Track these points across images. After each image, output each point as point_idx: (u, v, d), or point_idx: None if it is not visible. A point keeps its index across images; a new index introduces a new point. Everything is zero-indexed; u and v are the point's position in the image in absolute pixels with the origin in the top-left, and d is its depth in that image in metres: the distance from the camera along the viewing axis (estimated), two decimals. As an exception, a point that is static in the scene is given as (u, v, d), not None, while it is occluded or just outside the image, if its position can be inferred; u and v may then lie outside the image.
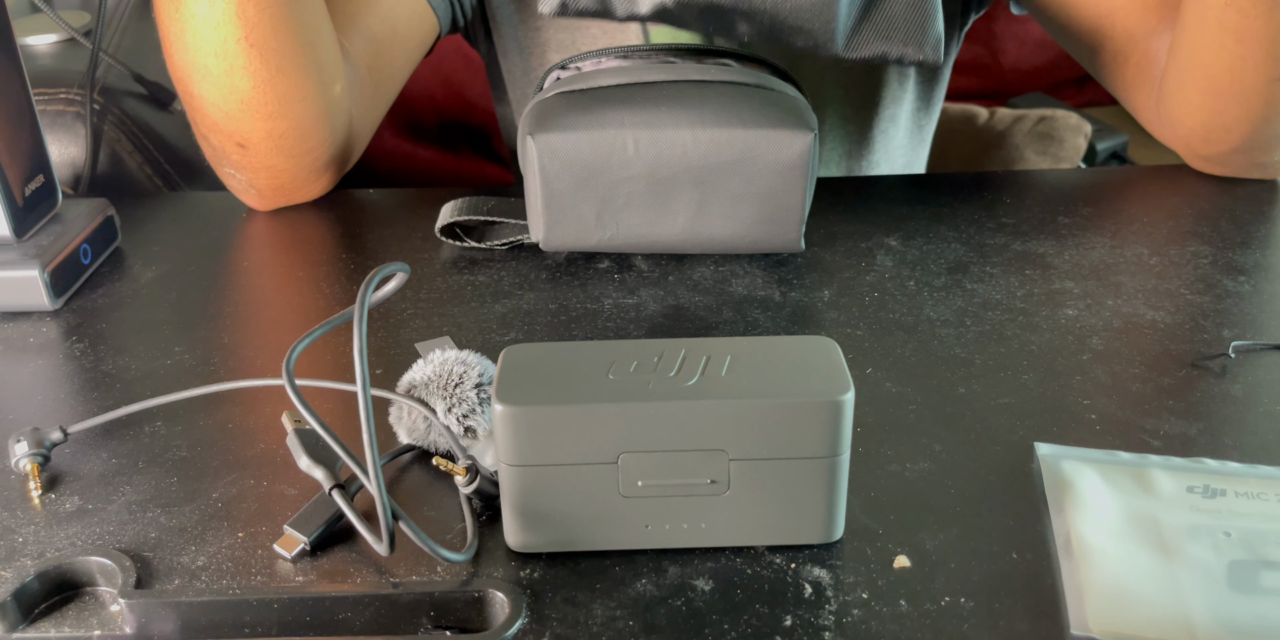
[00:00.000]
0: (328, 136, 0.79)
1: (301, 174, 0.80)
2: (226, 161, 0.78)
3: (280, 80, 0.73)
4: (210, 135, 0.77)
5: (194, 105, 0.76)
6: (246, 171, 0.78)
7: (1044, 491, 0.51)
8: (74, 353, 0.65)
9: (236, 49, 0.71)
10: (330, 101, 0.77)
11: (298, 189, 0.81)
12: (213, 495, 0.53)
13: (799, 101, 0.69)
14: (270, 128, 0.75)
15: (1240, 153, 0.80)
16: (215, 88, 0.73)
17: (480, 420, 0.53)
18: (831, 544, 0.49)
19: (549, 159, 0.67)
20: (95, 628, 0.46)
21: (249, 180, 0.79)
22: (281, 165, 0.78)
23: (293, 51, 0.73)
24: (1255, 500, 0.50)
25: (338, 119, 0.79)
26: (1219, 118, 0.78)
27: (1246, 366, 0.61)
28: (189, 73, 0.73)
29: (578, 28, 0.91)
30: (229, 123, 0.75)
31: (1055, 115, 1.24)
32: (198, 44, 0.71)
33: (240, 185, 0.80)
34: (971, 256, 0.73)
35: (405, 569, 0.48)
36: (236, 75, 0.72)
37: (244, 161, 0.77)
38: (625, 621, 0.45)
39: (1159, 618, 0.44)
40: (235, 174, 0.79)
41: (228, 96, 0.73)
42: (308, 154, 0.78)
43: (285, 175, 0.79)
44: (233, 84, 0.72)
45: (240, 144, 0.76)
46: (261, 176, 0.79)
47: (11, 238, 0.69)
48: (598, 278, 0.71)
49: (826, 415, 0.45)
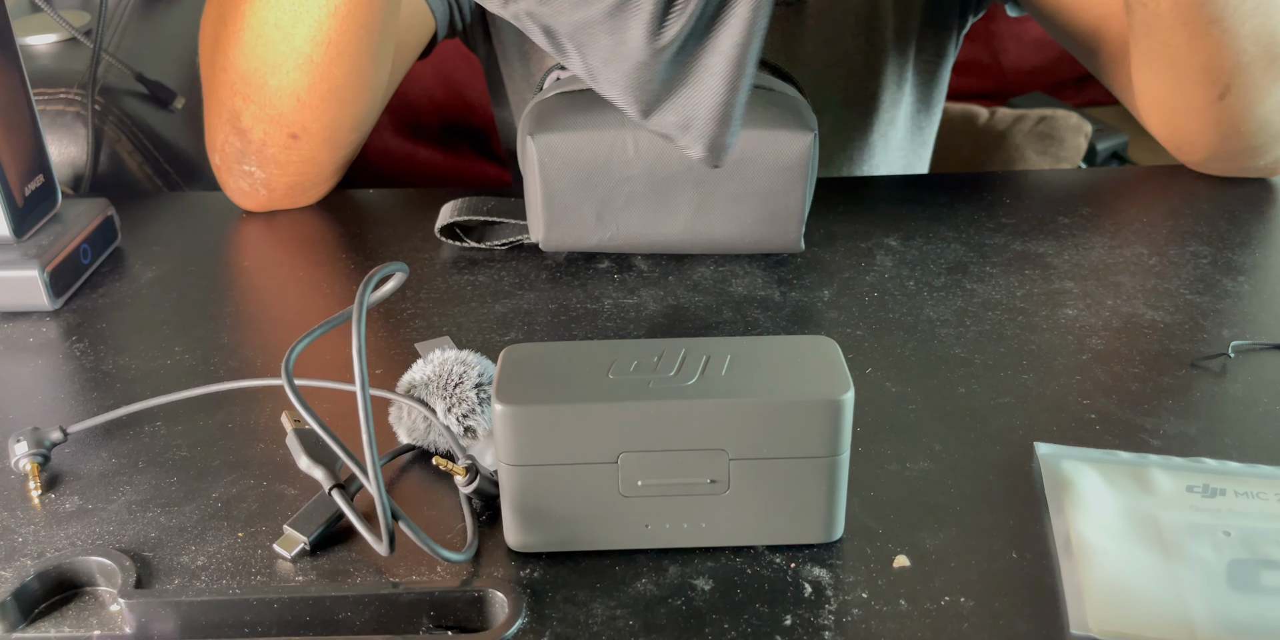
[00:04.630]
0: (368, 128, 0.79)
1: (328, 169, 0.80)
2: (257, 157, 0.76)
3: (370, 68, 0.73)
4: (261, 126, 0.75)
5: (260, 96, 0.73)
6: (276, 166, 0.77)
7: (1043, 491, 0.51)
8: (74, 353, 0.65)
9: (353, 36, 0.70)
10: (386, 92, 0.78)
11: (312, 187, 0.81)
12: (212, 495, 0.53)
13: (799, 101, 0.69)
14: (336, 117, 0.75)
15: (1218, 160, 0.81)
16: (308, 76, 0.72)
17: (480, 420, 0.53)
18: (831, 543, 0.49)
19: (549, 159, 0.67)
20: (95, 627, 0.46)
21: (269, 178, 0.78)
22: (322, 158, 0.78)
23: (385, 36, 0.73)
24: (1255, 499, 0.50)
25: (379, 112, 0.80)
26: (1179, 133, 0.79)
27: (1246, 366, 0.61)
28: (278, 62, 0.71)
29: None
30: (298, 112, 0.74)
31: (1055, 115, 1.24)
32: (307, 33, 0.70)
33: (252, 185, 0.79)
34: (971, 256, 0.73)
35: (405, 569, 0.48)
36: (339, 63, 0.71)
37: (282, 155, 0.76)
38: (625, 621, 0.45)
39: (1159, 617, 0.44)
40: (255, 172, 0.77)
41: (316, 84, 0.72)
42: (348, 146, 0.79)
43: (313, 169, 0.79)
44: (329, 72, 0.72)
45: (294, 135, 0.75)
46: (289, 173, 0.78)
47: (11, 238, 0.69)
48: (598, 278, 0.71)
49: (826, 415, 0.45)
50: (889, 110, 0.96)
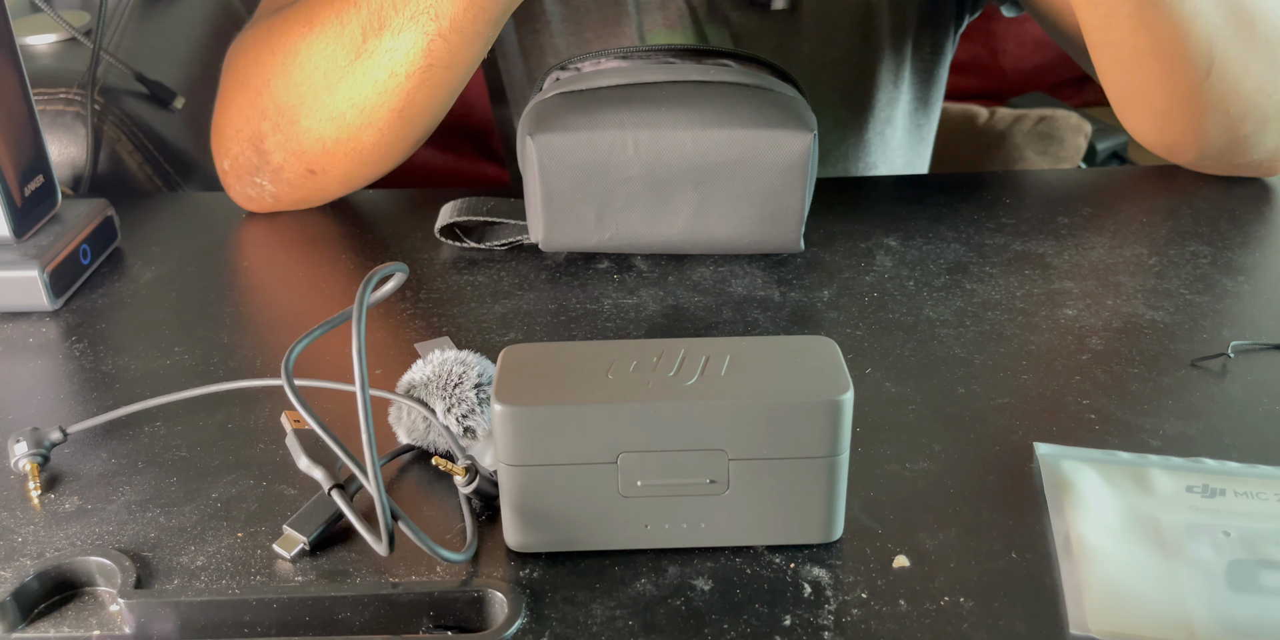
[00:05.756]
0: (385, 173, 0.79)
1: (338, 195, 0.80)
2: (271, 177, 0.76)
3: (398, 143, 0.73)
4: (281, 154, 0.74)
5: (289, 129, 0.72)
6: (289, 187, 0.77)
7: (1043, 491, 0.51)
8: (73, 353, 0.65)
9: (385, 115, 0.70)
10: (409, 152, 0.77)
11: (319, 202, 0.81)
12: (212, 495, 0.53)
13: (798, 101, 0.69)
14: (357, 170, 0.75)
15: (1209, 157, 0.79)
16: (337, 132, 0.71)
17: (479, 420, 0.53)
18: (831, 544, 0.49)
19: (548, 159, 0.67)
20: (94, 628, 0.46)
21: (278, 193, 0.78)
22: (334, 192, 0.78)
23: (426, 123, 0.73)
24: (1255, 500, 0.50)
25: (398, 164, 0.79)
26: (1167, 134, 0.77)
27: (1246, 366, 0.61)
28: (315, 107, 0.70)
29: (573, 32, 0.91)
30: (322, 157, 0.73)
31: (1055, 115, 1.24)
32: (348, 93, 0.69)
33: (260, 194, 0.78)
34: (971, 256, 0.73)
35: (405, 569, 0.48)
36: (368, 132, 0.71)
37: (296, 181, 0.76)
38: (625, 621, 0.45)
39: (1158, 617, 0.44)
40: (266, 185, 0.77)
41: (342, 141, 0.72)
42: (361, 182, 0.79)
43: (324, 197, 0.79)
44: (357, 136, 0.71)
45: (312, 171, 0.75)
46: (299, 193, 0.78)
47: (11, 238, 0.69)
48: (597, 278, 0.71)
49: (826, 415, 0.45)
50: (886, 109, 0.96)
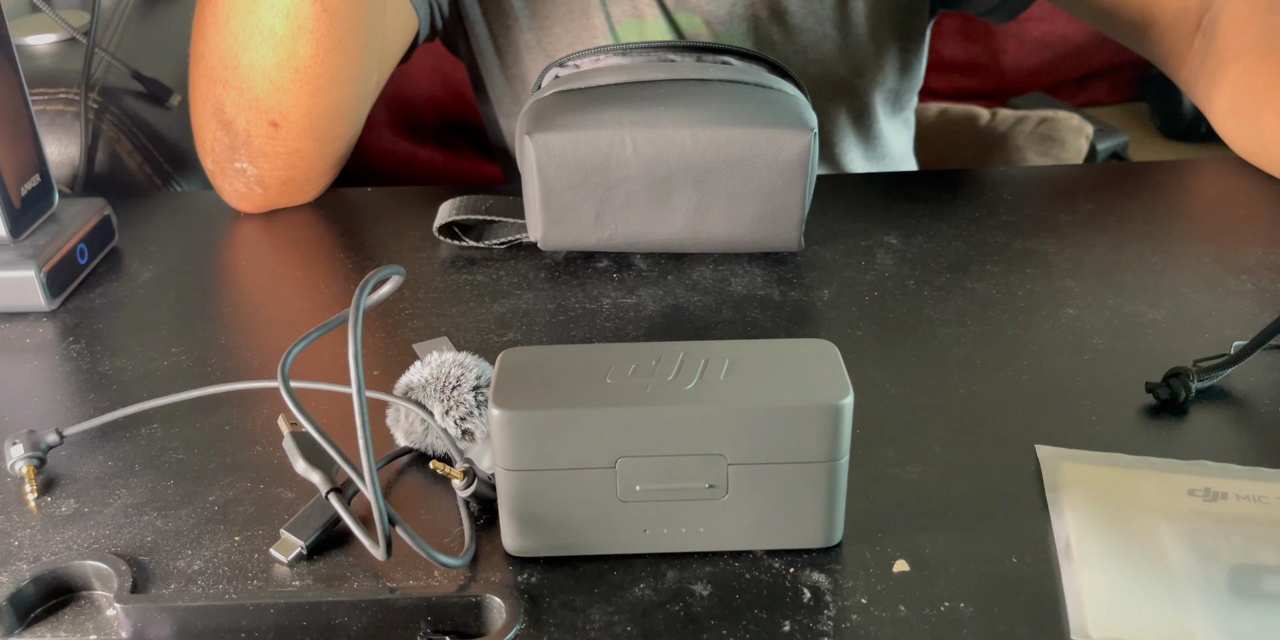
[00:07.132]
0: (354, 124, 0.80)
1: (319, 164, 0.80)
2: (246, 151, 0.77)
3: (339, 53, 0.74)
4: (243, 115, 0.76)
5: (236, 79, 0.74)
6: (265, 159, 0.77)
7: (1044, 494, 0.51)
8: (70, 353, 0.65)
9: (310, 10, 0.71)
10: (369, 87, 0.79)
11: (307, 183, 0.81)
12: (209, 498, 0.53)
13: (798, 100, 0.69)
14: (313, 104, 0.75)
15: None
16: (275, 52, 0.73)
17: (478, 423, 0.53)
18: (830, 548, 0.49)
19: (547, 158, 0.66)
20: (91, 632, 0.46)
21: (261, 174, 0.78)
22: (307, 150, 0.78)
23: (357, 25, 0.74)
24: (1257, 503, 0.50)
25: (365, 108, 0.81)
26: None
27: (1247, 366, 0.60)
28: (247, 36, 0.73)
29: (543, 28, 0.92)
30: (274, 95, 0.74)
31: (1057, 116, 1.24)
32: (269, 3, 0.71)
33: (247, 183, 0.79)
34: (972, 255, 0.72)
35: (402, 573, 0.48)
36: (301, 39, 0.72)
37: (268, 146, 0.77)
38: (623, 626, 0.45)
39: (1159, 623, 0.44)
40: (248, 168, 0.78)
41: (284, 62, 0.73)
42: (335, 139, 0.79)
43: (303, 164, 0.79)
44: (294, 48, 0.73)
45: (274, 122, 0.75)
46: (279, 166, 0.78)
47: (8, 238, 0.69)
48: (596, 277, 0.71)
49: (826, 419, 0.45)
50: (861, 96, 0.98)
